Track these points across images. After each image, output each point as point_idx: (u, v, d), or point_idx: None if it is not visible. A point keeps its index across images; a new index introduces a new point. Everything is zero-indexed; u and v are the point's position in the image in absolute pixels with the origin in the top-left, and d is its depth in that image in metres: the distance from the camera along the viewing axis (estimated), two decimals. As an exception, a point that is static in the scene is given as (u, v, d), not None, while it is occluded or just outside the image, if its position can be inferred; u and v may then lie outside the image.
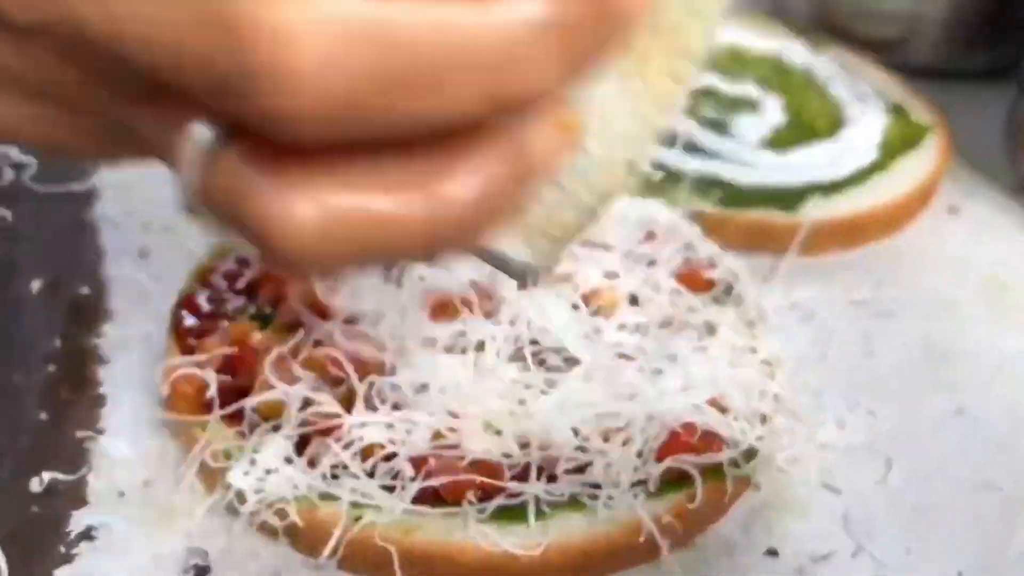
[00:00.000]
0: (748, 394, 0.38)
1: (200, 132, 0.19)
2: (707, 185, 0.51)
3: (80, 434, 0.37)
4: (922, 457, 0.40)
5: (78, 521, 0.35)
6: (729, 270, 0.44)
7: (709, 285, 0.43)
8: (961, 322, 0.47)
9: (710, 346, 0.39)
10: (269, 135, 0.19)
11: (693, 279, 0.43)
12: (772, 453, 0.38)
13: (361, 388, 0.35)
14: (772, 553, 0.36)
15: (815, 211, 0.51)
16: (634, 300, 0.41)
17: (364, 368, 0.35)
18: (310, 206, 0.19)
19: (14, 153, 0.50)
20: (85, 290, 0.44)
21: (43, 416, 0.38)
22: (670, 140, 0.53)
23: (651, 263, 0.42)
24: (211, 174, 0.20)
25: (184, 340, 0.38)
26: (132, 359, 0.40)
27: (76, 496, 0.35)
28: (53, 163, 0.49)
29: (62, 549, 0.34)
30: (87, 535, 0.34)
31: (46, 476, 0.36)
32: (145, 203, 0.47)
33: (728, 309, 0.42)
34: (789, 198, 0.51)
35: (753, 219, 0.50)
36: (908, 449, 0.40)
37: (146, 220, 0.47)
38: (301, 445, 0.35)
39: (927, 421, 0.42)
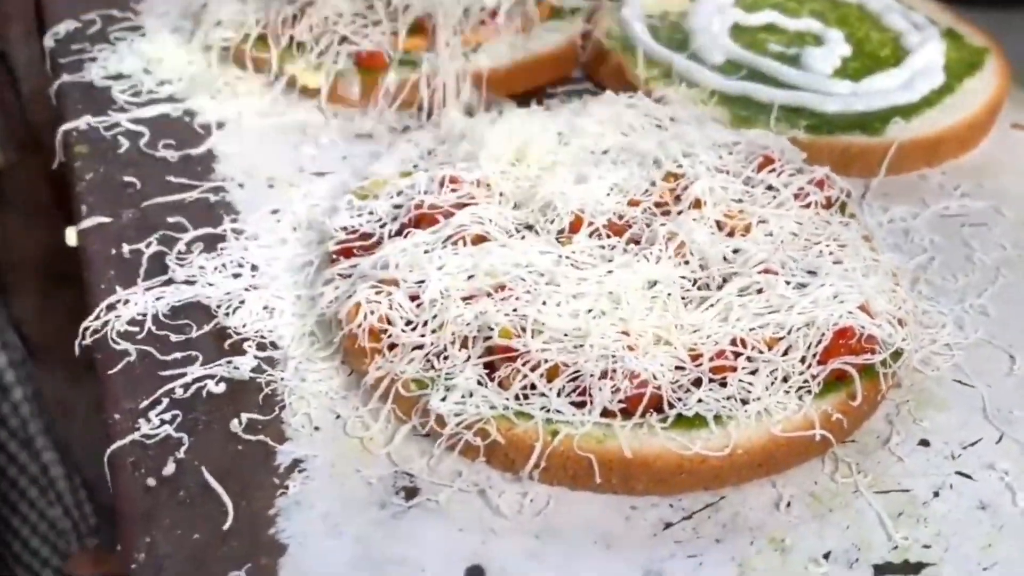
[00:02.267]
0: (887, 300, 0.40)
1: None
2: (794, 115, 0.54)
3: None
4: (1041, 348, 0.43)
5: (285, 456, 0.36)
6: (841, 189, 0.46)
7: (828, 204, 0.45)
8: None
9: (843, 258, 0.42)
10: None
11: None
12: (909, 353, 0.40)
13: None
14: (924, 443, 0.39)
15: (897, 132, 0.53)
16: (762, 220, 0.43)
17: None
18: None
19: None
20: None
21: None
22: (752, 74, 0.56)
23: (770, 187, 0.45)
24: None
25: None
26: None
27: (276, 433, 0.37)
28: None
29: (275, 481, 0.36)
30: (295, 468, 0.36)
31: (244, 416, 0.37)
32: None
33: (850, 225, 0.44)
34: (872, 122, 0.54)
35: (842, 143, 0.53)
36: (1025, 342, 0.43)
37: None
38: (489, 371, 0.37)
39: (1036, 315, 0.45)
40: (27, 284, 0.98)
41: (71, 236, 0.46)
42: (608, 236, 0.41)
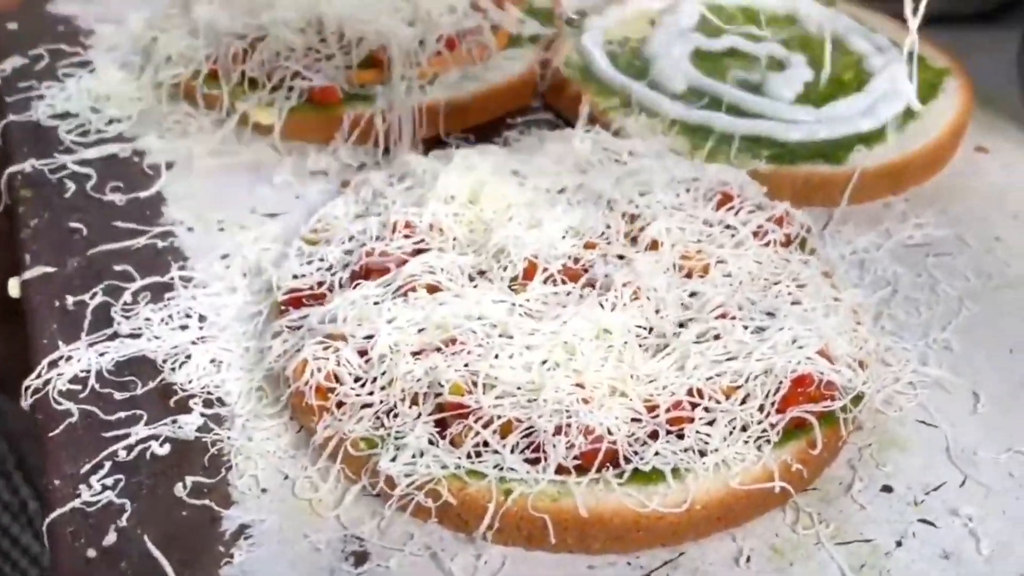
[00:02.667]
0: (848, 342, 0.39)
1: None
2: (756, 144, 0.53)
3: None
4: (1004, 384, 0.42)
5: (231, 521, 0.35)
6: (801, 225, 0.45)
7: (788, 241, 0.44)
8: (1010, 252, 0.50)
9: (802, 298, 0.41)
10: None
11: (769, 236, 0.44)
12: (871, 395, 0.40)
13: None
14: (887, 489, 0.38)
15: (860, 160, 0.53)
16: (721, 260, 0.42)
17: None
18: None
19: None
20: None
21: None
22: (714, 102, 0.55)
23: (729, 226, 0.44)
24: None
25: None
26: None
27: (222, 497, 0.36)
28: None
29: (221, 549, 0.34)
30: (242, 534, 0.35)
31: (189, 480, 0.36)
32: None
33: (810, 262, 0.43)
34: (834, 151, 0.53)
35: (804, 173, 0.52)
36: (990, 378, 0.43)
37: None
38: (440, 429, 0.36)
39: (1001, 349, 0.44)
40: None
41: (13, 287, 0.45)
42: (563, 282, 0.40)
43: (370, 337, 0.37)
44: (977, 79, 0.62)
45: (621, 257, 0.42)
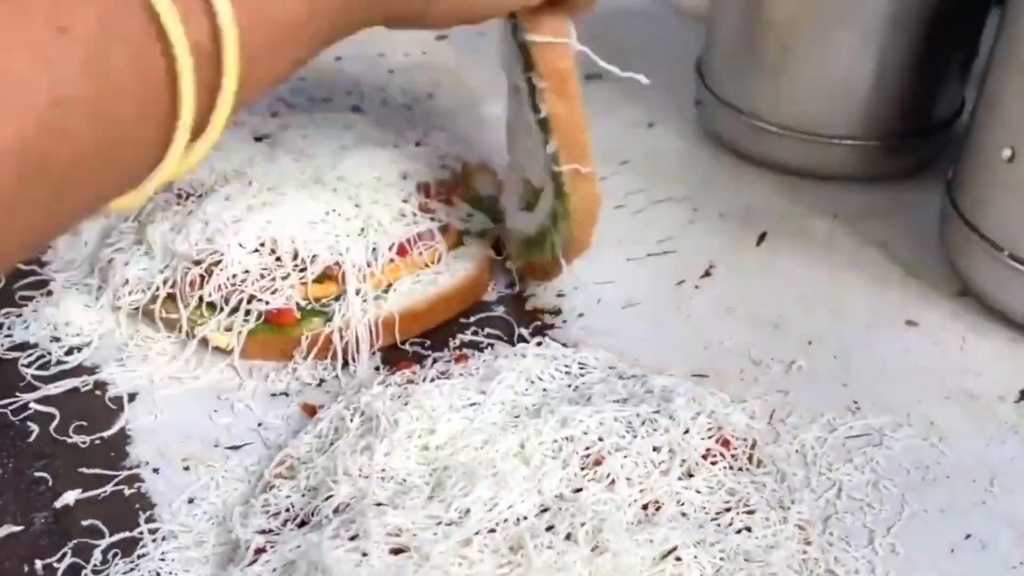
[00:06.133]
0: (799, 571, 0.41)
1: None
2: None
3: None
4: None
5: None
6: (745, 440, 0.47)
7: (733, 464, 0.46)
8: (945, 439, 0.52)
9: (752, 525, 0.43)
10: None
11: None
12: (826, 619, 0.41)
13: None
14: None
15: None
16: (676, 492, 0.44)
17: None
18: None
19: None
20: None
21: None
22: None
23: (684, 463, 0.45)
24: None
25: None
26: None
27: None
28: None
29: None
30: None
31: None
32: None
33: (760, 480, 0.45)
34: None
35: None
36: (935, 585, 0.45)
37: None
38: None
39: (942, 549, 0.47)
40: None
41: (-19, 549, 0.45)
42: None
43: (340, 614, 0.38)
44: (902, 243, 0.65)
45: (578, 490, 0.44)
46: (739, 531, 0.43)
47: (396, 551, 0.40)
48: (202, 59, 0.33)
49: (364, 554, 0.40)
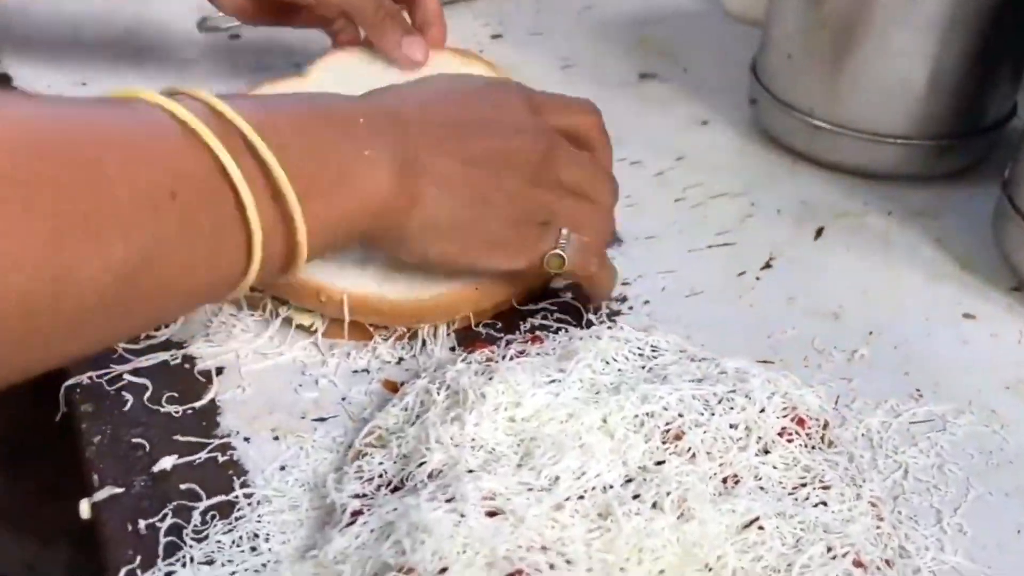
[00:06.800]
0: (875, 544, 0.43)
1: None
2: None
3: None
4: (1019, 569, 0.46)
5: None
6: (817, 420, 0.49)
7: (808, 443, 0.48)
8: (1005, 426, 0.54)
9: (828, 500, 0.45)
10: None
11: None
12: (897, 590, 0.43)
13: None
14: None
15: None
16: (755, 467, 0.46)
17: None
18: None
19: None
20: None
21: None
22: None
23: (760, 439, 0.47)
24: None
25: None
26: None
27: None
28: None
29: None
30: None
31: None
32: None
33: (833, 460, 0.47)
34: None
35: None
36: (1002, 562, 0.46)
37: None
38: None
39: (1009, 530, 0.48)
40: (-4, 457, 0.99)
41: (84, 509, 0.47)
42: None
43: (443, 571, 0.40)
44: (956, 240, 0.67)
45: (660, 462, 0.45)
46: (815, 505, 0.45)
47: (491, 514, 0.42)
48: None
49: (462, 515, 0.41)
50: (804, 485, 0.46)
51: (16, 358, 0.39)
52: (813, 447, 0.48)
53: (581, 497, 0.43)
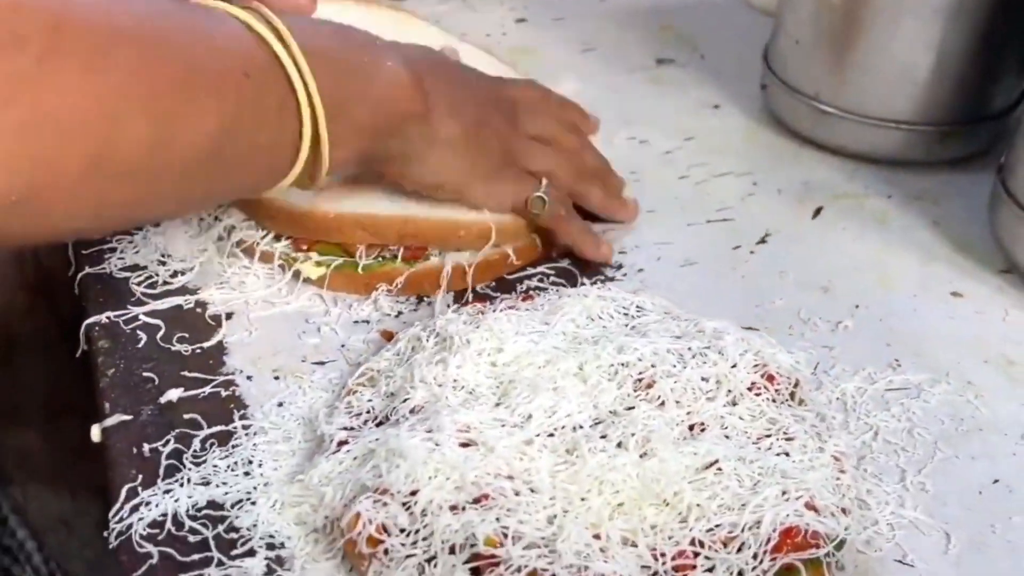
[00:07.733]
0: (831, 491, 0.45)
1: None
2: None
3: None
4: (975, 525, 0.48)
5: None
6: (789, 379, 0.51)
7: (775, 398, 0.50)
8: (980, 397, 0.55)
9: (790, 451, 0.47)
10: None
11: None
12: (852, 540, 0.45)
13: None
14: (867, 626, 0.43)
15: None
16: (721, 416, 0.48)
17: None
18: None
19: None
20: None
21: None
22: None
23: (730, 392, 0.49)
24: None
25: None
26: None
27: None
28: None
29: None
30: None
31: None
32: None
33: (801, 415, 0.49)
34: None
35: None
36: (961, 519, 0.48)
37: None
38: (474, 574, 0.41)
39: (971, 491, 0.50)
40: (34, 414, 1.04)
41: (96, 433, 0.51)
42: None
43: (414, 493, 0.43)
44: (953, 224, 0.68)
45: (630, 408, 0.48)
46: (777, 454, 0.47)
47: (464, 445, 0.45)
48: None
49: (437, 444, 0.44)
50: (768, 436, 0.48)
51: (131, 196, 0.45)
52: (782, 403, 0.50)
53: (551, 435, 0.46)
